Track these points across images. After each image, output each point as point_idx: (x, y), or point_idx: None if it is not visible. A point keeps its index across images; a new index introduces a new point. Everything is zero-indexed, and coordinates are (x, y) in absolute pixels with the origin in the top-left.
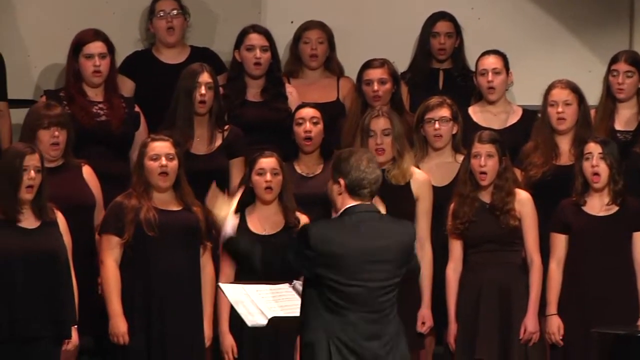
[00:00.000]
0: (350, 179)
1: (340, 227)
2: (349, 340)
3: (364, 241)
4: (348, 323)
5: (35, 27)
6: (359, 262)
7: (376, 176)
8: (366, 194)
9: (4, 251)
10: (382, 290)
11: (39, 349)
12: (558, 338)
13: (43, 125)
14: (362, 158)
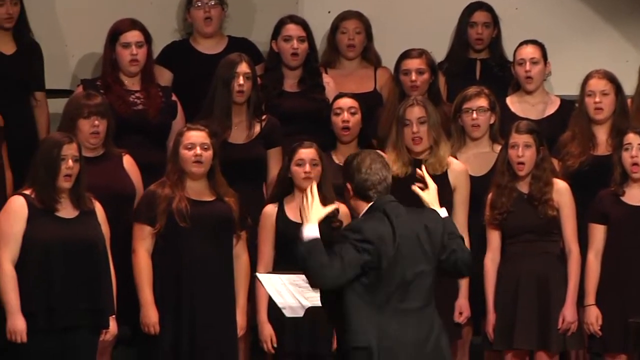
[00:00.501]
0: (354, 183)
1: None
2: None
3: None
4: (397, 318)
5: (72, 17)
6: (397, 251)
7: (380, 177)
8: (372, 196)
9: (42, 241)
10: (423, 282)
11: (77, 338)
12: (597, 328)
13: (83, 115)
14: (364, 160)
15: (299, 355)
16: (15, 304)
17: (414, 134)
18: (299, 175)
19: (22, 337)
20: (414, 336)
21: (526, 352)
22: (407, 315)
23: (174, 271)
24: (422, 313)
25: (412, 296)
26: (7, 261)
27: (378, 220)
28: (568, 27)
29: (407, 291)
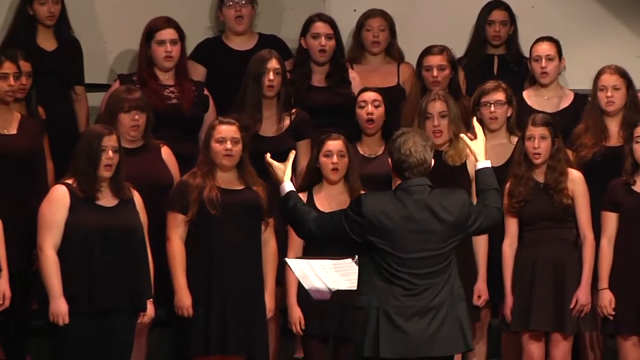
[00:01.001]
0: (394, 160)
1: (390, 199)
2: (396, 302)
3: (410, 213)
4: (397, 287)
5: (110, 15)
6: (405, 232)
7: (418, 159)
8: (407, 176)
9: (83, 228)
10: (429, 259)
11: (117, 321)
12: (610, 311)
13: (124, 109)
14: (408, 140)
15: (326, 338)
16: (57, 288)
17: (434, 127)
18: (327, 166)
19: (64, 320)
20: (415, 306)
21: (542, 333)
22: (410, 288)
23: (206, 257)
24: (428, 286)
25: (418, 271)
26: (49, 247)
27: (389, 198)
28: (581, 24)
29: (413, 266)
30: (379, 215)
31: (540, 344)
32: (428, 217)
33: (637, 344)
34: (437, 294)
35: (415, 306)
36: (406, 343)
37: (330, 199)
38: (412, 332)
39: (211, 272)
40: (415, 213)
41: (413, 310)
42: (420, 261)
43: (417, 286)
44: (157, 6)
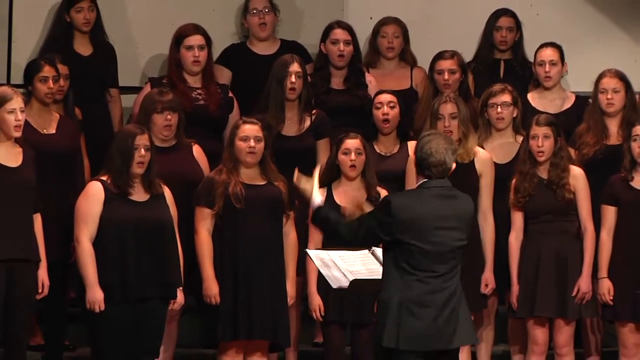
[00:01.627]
0: (417, 157)
1: (416, 197)
2: (417, 296)
3: (434, 209)
4: (418, 281)
5: (143, 22)
6: (430, 227)
7: (439, 160)
8: (427, 175)
9: (117, 222)
10: (450, 253)
11: (148, 308)
12: (608, 298)
13: (157, 110)
14: (431, 141)
15: (344, 323)
16: (93, 277)
17: (445, 128)
18: (346, 163)
19: (100, 307)
20: (434, 300)
21: (546, 319)
22: (429, 283)
23: (232, 248)
24: (444, 281)
25: (436, 266)
26: (85, 239)
27: (414, 197)
28: (583, 31)
29: (432, 263)
30: (406, 213)
31: (545, 329)
32: (449, 214)
33: (633, 329)
34: (454, 288)
35: (435, 300)
36: (426, 336)
37: (348, 194)
38: (432, 325)
39: (237, 262)
40: (437, 210)
41: (433, 303)
42: (441, 256)
43: (437, 280)
44: (186, 13)
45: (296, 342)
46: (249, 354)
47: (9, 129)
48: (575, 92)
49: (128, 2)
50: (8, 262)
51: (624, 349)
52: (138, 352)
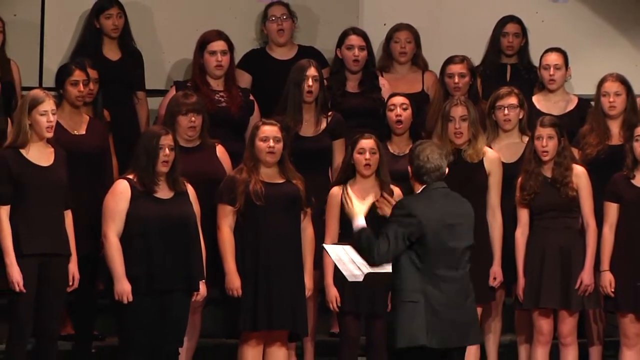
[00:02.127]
0: (413, 167)
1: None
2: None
3: (442, 209)
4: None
5: (168, 29)
6: (445, 224)
7: (434, 166)
8: (426, 180)
9: (143, 218)
10: (464, 250)
11: (173, 299)
12: (610, 290)
13: (182, 112)
14: (424, 149)
15: (359, 314)
16: (120, 270)
17: (456, 129)
18: (360, 162)
19: (128, 298)
20: (453, 299)
21: (551, 310)
22: (449, 281)
23: (252, 243)
24: (461, 280)
25: (453, 265)
26: (113, 234)
27: (425, 199)
28: (586, 37)
29: (449, 260)
30: (424, 212)
31: (549, 320)
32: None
33: (634, 320)
34: (467, 286)
35: (452, 298)
36: (448, 334)
37: (363, 191)
38: (452, 323)
39: (257, 256)
40: (447, 211)
41: (453, 302)
42: (457, 253)
43: (455, 278)
44: (209, 21)
45: (314, 332)
46: (269, 343)
47: (42, 130)
48: (578, 95)
49: (154, 9)
50: (41, 256)
51: (625, 339)
52: (163, 342)
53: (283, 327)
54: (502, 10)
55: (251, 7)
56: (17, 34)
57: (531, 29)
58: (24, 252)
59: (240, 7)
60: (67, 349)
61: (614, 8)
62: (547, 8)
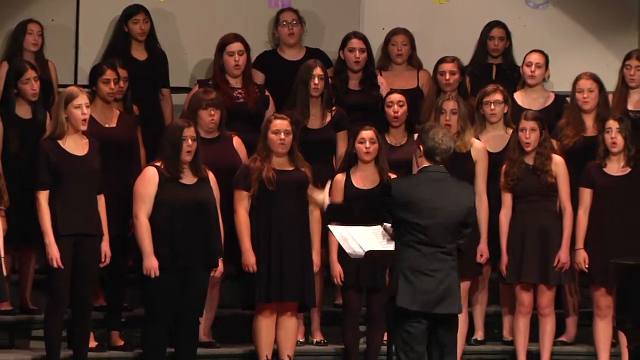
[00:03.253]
0: (426, 146)
1: (416, 181)
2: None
3: (433, 192)
4: (421, 255)
5: (190, 32)
6: (429, 207)
7: (447, 147)
8: (437, 160)
9: (168, 201)
10: (448, 230)
11: (194, 274)
12: (584, 266)
13: (202, 107)
14: (438, 132)
15: (360, 288)
16: (149, 248)
17: (446, 121)
18: (361, 150)
19: (155, 273)
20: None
21: (531, 284)
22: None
23: (266, 224)
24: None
25: (429, 242)
26: (143, 216)
27: (413, 181)
28: (563, 40)
29: (426, 238)
30: (403, 194)
31: (530, 293)
32: (441, 198)
33: (605, 293)
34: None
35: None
36: (428, 301)
37: (364, 177)
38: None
39: (270, 236)
40: (432, 193)
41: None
42: (440, 232)
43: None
44: (227, 25)
45: (320, 304)
46: (281, 313)
47: (77, 123)
48: (556, 92)
49: (178, 15)
50: (76, 236)
51: (598, 310)
52: (185, 312)
53: (293, 299)
54: (488, 16)
55: (264, 12)
56: (55, 37)
57: (514, 33)
58: (60, 232)
59: (254, 12)
60: (100, 318)
61: (587, 14)
62: (529, 14)
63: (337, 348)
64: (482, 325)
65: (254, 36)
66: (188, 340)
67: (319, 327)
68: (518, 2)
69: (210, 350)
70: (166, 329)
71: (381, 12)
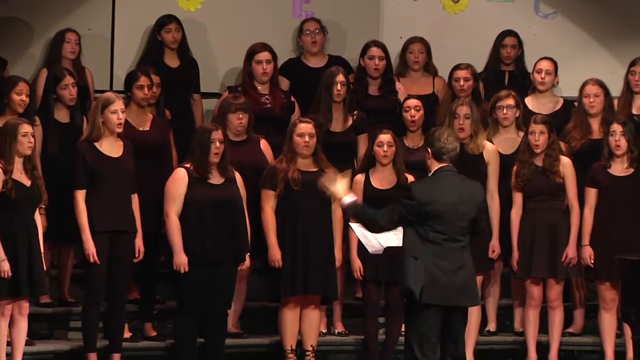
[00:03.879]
0: (434, 148)
1: (433, 182)
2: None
3: (449, 191)
4: (437, 249)
5: (220, 41)
6: (448, 205)
7: (453, 147)
8: (446, 159)
9: (197, 200)
10: (462, 227)
11: (223, 269)
12: (590, 262)
13: (231, 110)
14: (443, 133)
15: (379, 282)
16: (179, 245)
17: (460, 125)
18: (380, 153)
19: (184, 268)
20: (450, 265)
21: (540, 278)
22: (446, 252)
23: (291, 222)
24: (458, 250)
25: (449, 238)
26: (173, 214)
27: (432, 181)
28: (570, 48)
29: (446, 234)
30: (425, 196)
31: (539, 287)
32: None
33: (610, 287)
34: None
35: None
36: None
37: (382, 178)
38: (451, 286)
39: (295, 233)
40: (450, 193)
41: (446, 267)
42: (458, 229)
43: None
44: (255, 34)
45: (341, 297)
46: (305, 306)
47: (112, 126)
48: (564, 97)
49: (208, 24)
50: (111, 233)
51: (603, 303)
52: (214, 305)
53: (317, 292)
54: (501, 26)
55: (289, 22)
56: (91, 45)
57: (525, 42)
58: (97, 229)
59: (279, 22)
60: (134, 310)
61: (594, 24)
62: (539, 24)
63: (358, 338)
64: (494, 317)
65: (280, 45)
66: (217, 331)
67: (340, 319)
68: (528, 12)
69: (238, 341)
70: (196, 321)
71: (399, 21)
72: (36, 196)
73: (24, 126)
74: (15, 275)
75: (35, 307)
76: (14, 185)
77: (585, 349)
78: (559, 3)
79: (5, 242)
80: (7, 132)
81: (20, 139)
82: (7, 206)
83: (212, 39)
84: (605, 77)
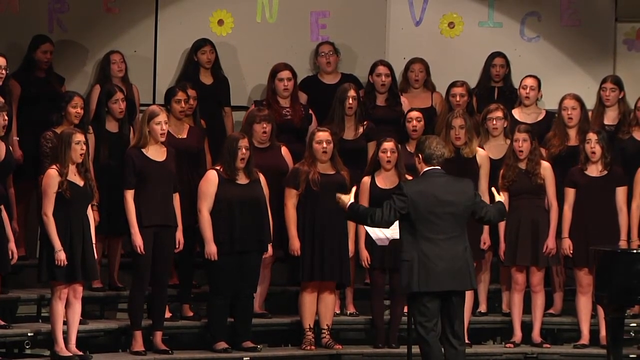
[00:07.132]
0: (425, 154)
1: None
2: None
3: (436, 189)
4: (429, 243)
5: (248, 62)
6: (434, 202)
7: (441, 153)
8: (434, 163)
9: (226, 198)
10: (450, 221)
11: (249, 258)
12: (569, 252)
13: (256, 121)
14: (432, 142)
15: (384, 269)
16: (210, 236)
17: (456, 135)
18: (384, 159)
19: (214, 257)
20: (441, 256)
21: (524, 267)
22: (438, 242)
23: (310, 217)
24: (450, 241)
25: (440, 230)
26: (205, 210)
27: (420, 181)
28: (551, 67)
29: (437, 227)
30: (415, 192)
31: (523, 274)
32: (447, 193)
33: (586, 273)
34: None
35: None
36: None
37: (385, 179)
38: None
39: (314, 227)
40: (438, 190)
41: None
42: (447, 222)
43: (446, 241)
44: (277, 55)
45: (353, 282)
46: (322, 290)
47: (157, 135)
48: (546, 109)
49: (238, 47)
50: (156, 227)
51: (580, 287)
52: (241, 289)
53: (332, 279)
54: (490, 48)
55: (307, 45)
56: (137, 65)
57: (512, 62)
58: (144, 224)
59: (299, 45)
60: (173, 294)
61: (571, 47)
62: (524, 46)
63: (367, 318)
64: (485, 300)
65: (299, 64)
66: (245, 311)
67: (352, 301)
68: (515, 36)
69: (263, 320)
70: (227, 302)
71: (403, 44)
72: (88, 195)
73: (77, 135)
74: (70, 263)
75: (88, 291)
76: (68, 186)
77: (564, 328)
78: (542, 29)
79: (62, 235)
80: (63, 140)
81: (74, 147)
82: (63, 204)
83: (241, 59)
84: (581, 92)
